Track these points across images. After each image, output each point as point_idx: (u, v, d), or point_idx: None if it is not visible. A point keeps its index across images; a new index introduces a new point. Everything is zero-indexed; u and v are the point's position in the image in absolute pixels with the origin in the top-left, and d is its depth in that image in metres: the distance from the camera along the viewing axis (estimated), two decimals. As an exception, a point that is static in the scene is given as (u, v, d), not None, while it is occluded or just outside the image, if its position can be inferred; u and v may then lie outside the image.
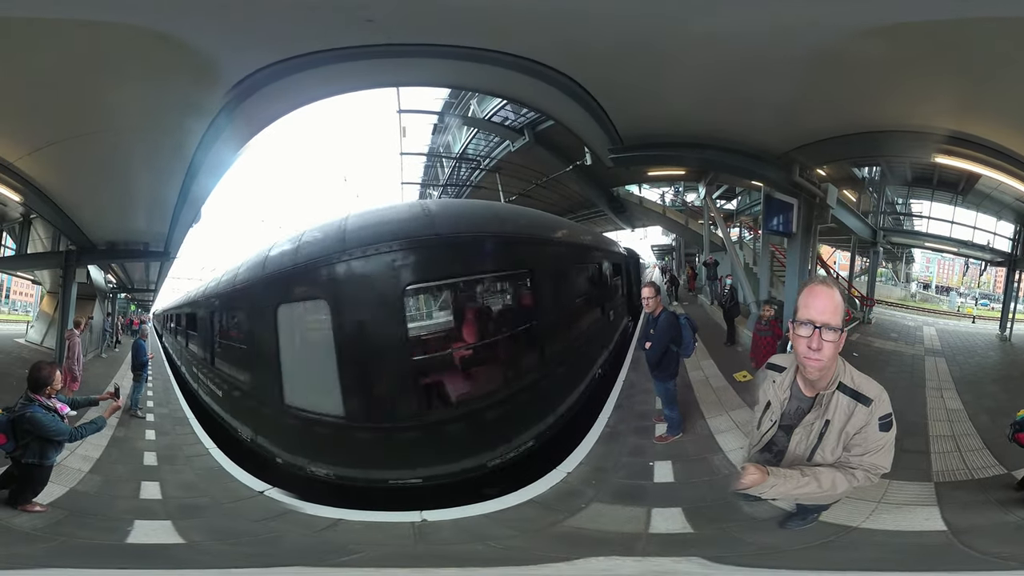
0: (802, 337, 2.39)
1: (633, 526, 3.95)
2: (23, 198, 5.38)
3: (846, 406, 2.49)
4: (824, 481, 2.49)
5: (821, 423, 2.53)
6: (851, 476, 2.51)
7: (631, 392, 6.10)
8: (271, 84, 4.45)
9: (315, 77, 4.53)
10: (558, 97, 4.90)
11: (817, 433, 2.55)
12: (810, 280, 2.55)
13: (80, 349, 5.95)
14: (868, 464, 2.51)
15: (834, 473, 2.50)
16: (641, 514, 4.05)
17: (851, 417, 2.49)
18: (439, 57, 4.47)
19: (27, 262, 6.08)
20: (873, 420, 2.48)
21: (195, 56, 3.87)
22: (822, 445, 2.55)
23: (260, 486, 4.85)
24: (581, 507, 4.21)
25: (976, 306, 6.71)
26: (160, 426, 6.07)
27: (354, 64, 4.43)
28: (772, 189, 6.12)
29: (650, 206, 7.75)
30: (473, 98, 6.76)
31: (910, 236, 6.70)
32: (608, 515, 4.12)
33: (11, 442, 3.93)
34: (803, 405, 2.62)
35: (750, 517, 3.78)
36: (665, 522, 3.94)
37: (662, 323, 5.02)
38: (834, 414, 2.51)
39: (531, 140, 6.64)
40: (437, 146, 7.32)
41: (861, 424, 2.48)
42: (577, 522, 4.07)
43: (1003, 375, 5.86)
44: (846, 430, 2.50)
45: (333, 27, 3.98)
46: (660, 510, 4.05)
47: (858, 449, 2.51)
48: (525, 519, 4.19)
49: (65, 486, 4.42)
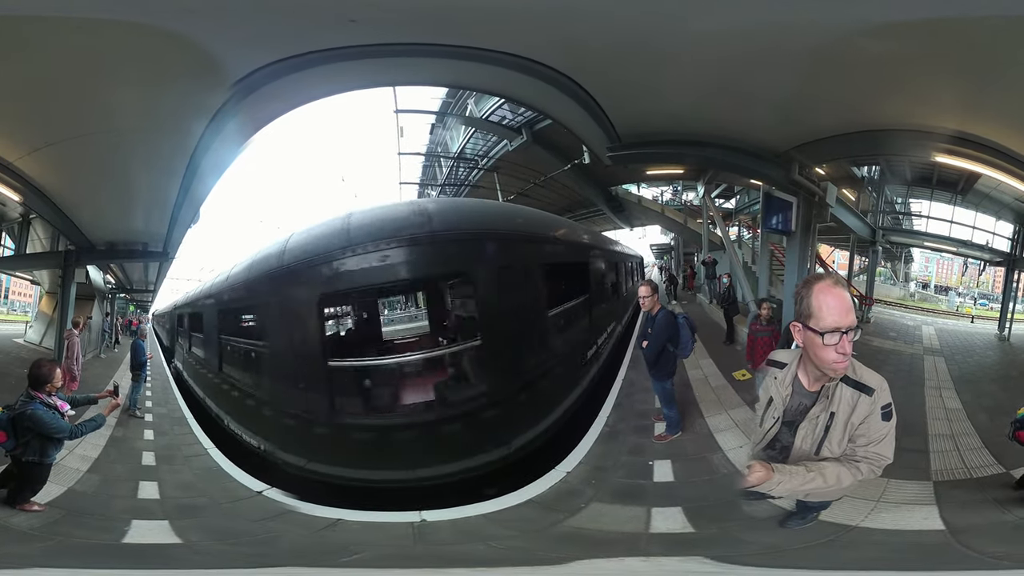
0: (830, 346, 2.32)
1: (634, 526, 3.95)
2: (23, 198, 5.38)
3: (850, 397, 2.48)
4: (829, 476, 2.47)
5: (826, 416, 2.52)
6: (855, 469, 2.49)
7: (631, 391, 6.08)
8: (272, 83, 4.44)
9: (316, 76, 4.52)
10: (555, 96, 4.88)
11: (823, 426, 2.53)
12: (815, 279, 2.42)
13: (79, 349, 5.95)
14: (873, 454, 2.50)
15: (839, 467, 2.49)
16: (641, 514, 4.05)
17: (855, 407, 2.47)
18: (435, 56, 4.47)
19: (26, 262, 6.08)
20: (876, 409, 2.47)
21: (197, 55, 3.86)
22: (828, 438, 2.53)
23: (259, 486, 4.84)
24: (581, 507, 4.20)
25: (975, 306, 6.70)
26: (159, 426, 6.08)
27: (352, 64, 4.42)
28: (771, 187, 6.11)
29: (649, 205, 7.73)
30: (471, 97, 6.74)
31: (909, 235, 6.69)
32: (609, 515, 4.11)
33: (11, 440, 3.92)
34: (805, 400, 2.61)
35: (750, 516, 3.78)
36: (666, 522, 3.94)
37: (659, 322, 5.01)
38: (839, 406, 2.50)
39: (529, 139, 6.61)
40: (435, 146, 7.32)
41: (865, 414, 2.47)
42: (577, 522, 4.06)
43: (1002, 375, 5.86)
44: (851, 420, 2.49)
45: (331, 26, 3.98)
46: (660, 509, 4.05)
47: (863, 440, 2.50)
48: (525, 519, 4.17)
49: (63, 486, 4.42)
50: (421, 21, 3.97)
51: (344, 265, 4.75)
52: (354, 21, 3.83)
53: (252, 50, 4.12)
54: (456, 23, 3.99)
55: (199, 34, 3.72)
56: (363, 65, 4.50)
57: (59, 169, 5.19)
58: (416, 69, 5.11)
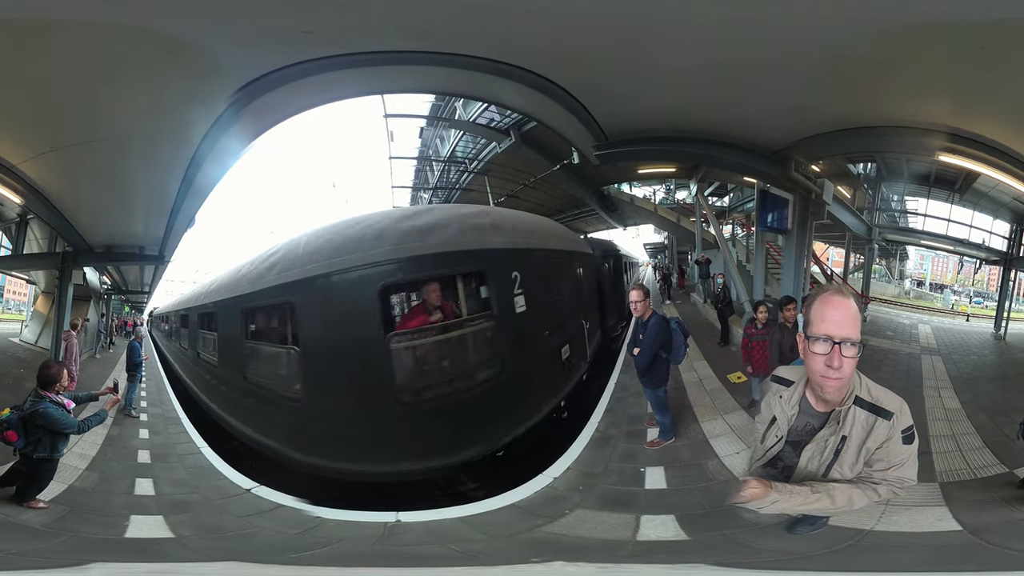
0: (819, 355, 2.16)
1: (620, 533, 3.87)
2: (23, 200, 5.43)
3: (864, 421, 2.33)
4: (839, 498, 2.35)
5: (837, 439, 2.37)
6: (872, 492, 2.37)
7: (622, 395, 6.01)
8: (273, 91, 4.50)
9: (314, 84, 4.57)
10: (539, 98, 4.89)
11: (832, 449, 2.39)
12: (822, 289, 2.32)
13: (77, 350, 6.03)
14: (893, 478, 2.37)
15: (851, 490, 2.36)
16: (630, 520, 3.97)
17: (871, 432, 2.33)
18: (423, 64, 4.49)
19: (23, 262, 6.13)
20: (896, 434, 2.32)
21: (200, 61, 3.91)
22: (839, 461, 2.39)
23: (247, 484, 4.88)
24: (565, 512, 4.14)
25: (971, 304, 6.59)
26: (153, 425, 6.13)
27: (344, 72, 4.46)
28: (767, 185, 6.05)
29: (641, 204, 7.68)
30: (458, 100, 6.72)
31: (905, 233, 6.59)
32: (592, 521, 4.04)
33: (22, 439, 4.08)
34: (813, 421, 2.46)
35: (750, 523, 3.68)
36: (655, 529, 3.86)
37: (651, 328, 4.79)
38: (851, 430, 2.35)
39: (517, 141, 6.57)
40: (425, 149, 7.34)
41: (883, 439, 2.32)
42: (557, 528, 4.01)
43: (999, 374, 5.77)
44: (867, 445, 2.34)
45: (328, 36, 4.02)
46: (650, 517, 3.97)
47: (881, 464, 2.36)
48: (503, 523, 4.13)
49: (64, 483, 4.52)
50: (407, 29, 3.98)
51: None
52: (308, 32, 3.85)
53: (254, 58, 4.18)
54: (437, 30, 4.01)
55: (204, 39, 3.77)
56: (356, 74, 4.54)
57: (59, 171, 5.24)
58: (405, 76, 5.13)
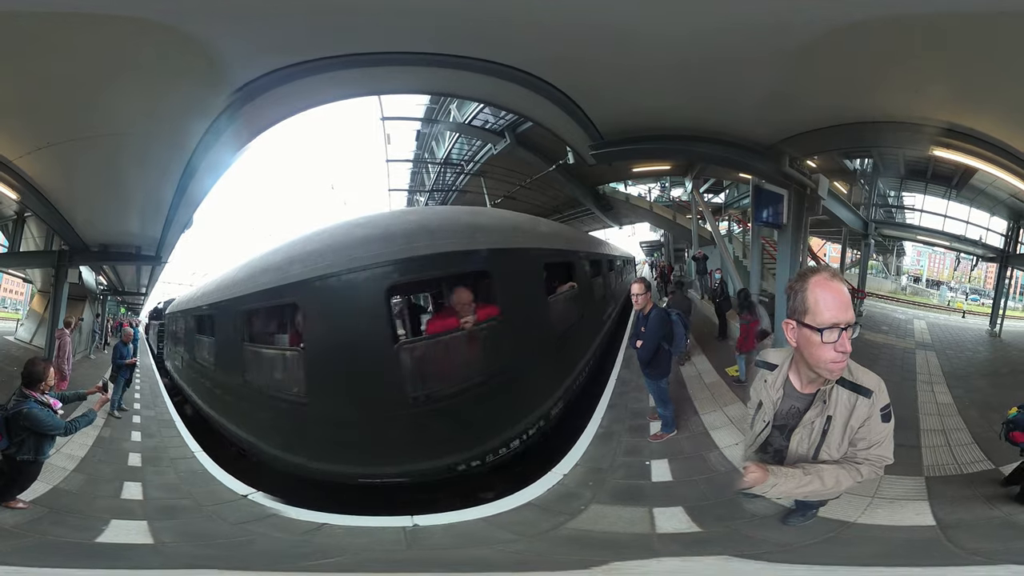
0: (828, 343, 2.18)
1: (639, 527, 3.91)
2: (20, 196, 5.38)
3: (847, 400, 2.40)
4: (827, 479, 2.42)
5: (823, 420, 2.44)
6: (855, 472, 2.44)
7: (624, 390, 6.01)
8: (273, 89, 4.49)
9: (314, 84, 4.56)
10: (534, 98, 4.87)
11: (820, 430, 2.45)
12: (810, 272, 2.28)
13: (70, 349, 5.98)
14: (875, 456, 2.44)
15: (838, 470, 2.43)
16: (644, 514, 4.01)
17: (853, 410, 2.40)
18: (419, 65, 4.48)
19: (19, 260, 6.08)
20: (875, 412, 2.40)
21: (199, 59, 3.89)
22: (827, 442, 2.46)
23: (244, 490, 4.82)
24: (581, 509, 4.15)
25: (967, 301, 6.59)
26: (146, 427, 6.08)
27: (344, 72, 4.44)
28: (761, 180, 6.04)
29: (636, 202, 7.68)
30: (452, 102, 6.70)
31: (902, 229, 6.58)
32: (610, 516, 4.06)
33: (5, 439, 3.92)
34: (798, 404, 2.52)
35: (752, 514, 3.76)
36: (669, 521, 3.90)
37: (653, 320, 4.94)
38: (835, 409, 2.41)
39: (512, 142, 6.57)
40: (422, 151, 7.34)
41: (864, 416, 2.40)
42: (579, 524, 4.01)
43: (992, 370, 5.80)
44: (850, 424, 2.41)
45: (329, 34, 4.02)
46: (662, 509, 4.01)
47: (863, 443, 2.44)
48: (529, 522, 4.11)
49: (48, 484, 4.42)
50: (403, 30, 3.98)
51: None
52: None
53: (254, 56, 4.16)
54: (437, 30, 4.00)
55: (202, 38, 3.75)
56: (353, 74, 4.53)
57: (56, 169, 5.20)
58: (403, 77, 5.12)
